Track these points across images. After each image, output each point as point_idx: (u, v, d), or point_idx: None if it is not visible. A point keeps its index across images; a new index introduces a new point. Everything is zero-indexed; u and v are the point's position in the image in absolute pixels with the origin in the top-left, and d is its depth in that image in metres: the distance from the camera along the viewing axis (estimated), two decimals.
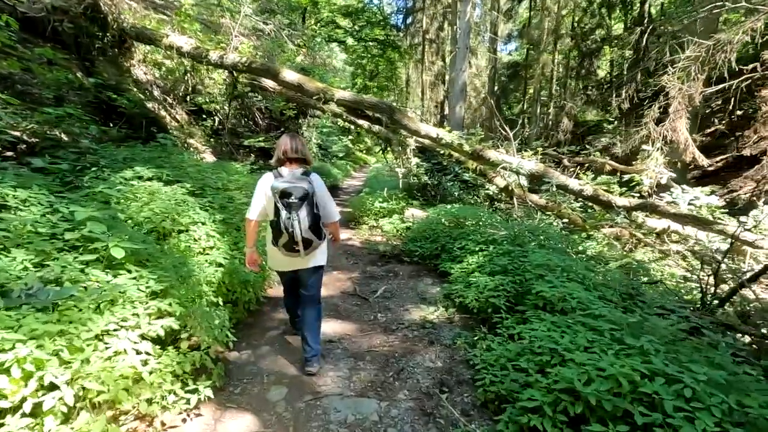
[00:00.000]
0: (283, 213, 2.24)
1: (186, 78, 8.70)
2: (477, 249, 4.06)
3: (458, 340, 2.97)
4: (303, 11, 15.45)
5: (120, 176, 3.49)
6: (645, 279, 3.88)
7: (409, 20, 26.97)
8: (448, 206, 5.96)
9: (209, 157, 7.91)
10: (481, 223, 4.76)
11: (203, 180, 4.11)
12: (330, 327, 3.29)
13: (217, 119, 8.15)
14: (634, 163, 5.98)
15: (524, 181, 6.36)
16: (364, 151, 25.48)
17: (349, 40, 21.21)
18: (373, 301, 3.87)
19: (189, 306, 2.39)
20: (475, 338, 2.91)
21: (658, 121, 5.36)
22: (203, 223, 3.26)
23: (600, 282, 3.15)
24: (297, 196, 2.24)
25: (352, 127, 8.70)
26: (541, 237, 4.10)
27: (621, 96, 7.92)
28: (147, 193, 3.34)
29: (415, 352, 2.91)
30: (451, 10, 23.26)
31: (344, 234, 6.50)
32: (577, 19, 21.11)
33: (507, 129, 5.40)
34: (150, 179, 3.64)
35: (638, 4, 16.83)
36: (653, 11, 16.02)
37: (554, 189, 5.31)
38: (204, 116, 8.50)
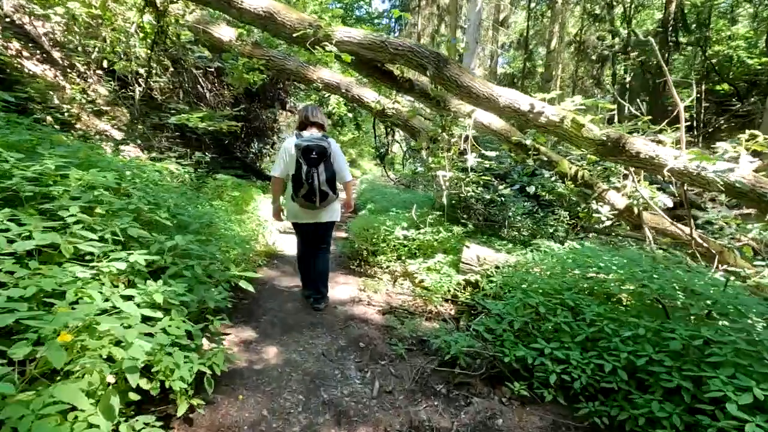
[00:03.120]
0: (305, 167, 2.57)
1: (102, 33, 5.66)
2: None
3: None
4: None
5: None
6: None
7: (402, 21, 24.81)
8: (581, 246, 3.09)
9: (133, 151, 4.79)
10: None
11: None
12: None
13: (138, 90, 5.06)
14: None
15: (667, 201, 3.60)
16: (349, 163, 22.74)
17: None
18: None
19: None
20: None
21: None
22: None
23: None
24: (317, 152, 2.59)
25: (350, 115, 5.82)
26: None
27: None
28: None
29: None
30: (450, 10, 21.17)
31: (346, 288, 3.49)
32: (585, 25, 19.40)
33: (674, 91, 2.65)
34: None
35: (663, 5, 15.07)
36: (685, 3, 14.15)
37: None
38: (123, 86, 5.41)
